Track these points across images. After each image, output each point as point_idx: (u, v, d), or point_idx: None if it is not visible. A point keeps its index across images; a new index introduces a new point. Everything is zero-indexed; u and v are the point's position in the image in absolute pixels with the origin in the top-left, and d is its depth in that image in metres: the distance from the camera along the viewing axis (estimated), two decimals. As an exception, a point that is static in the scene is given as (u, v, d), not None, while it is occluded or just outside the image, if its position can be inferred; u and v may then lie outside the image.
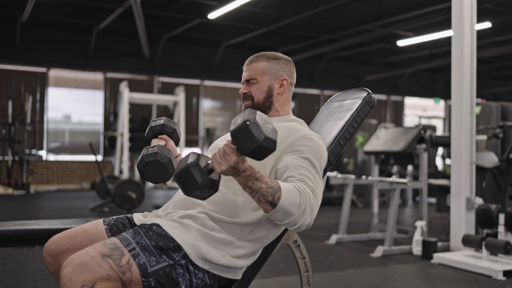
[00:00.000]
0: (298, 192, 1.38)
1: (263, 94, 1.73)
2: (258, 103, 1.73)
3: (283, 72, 1.76)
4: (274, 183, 1.34)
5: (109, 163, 11.24)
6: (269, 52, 1.78)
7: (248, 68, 1.75)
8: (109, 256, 1.36)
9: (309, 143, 1.57)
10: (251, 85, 1.74)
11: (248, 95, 1.74)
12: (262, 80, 1.73)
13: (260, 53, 1.78)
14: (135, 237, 1.45)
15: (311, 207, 1.40)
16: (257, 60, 1.75)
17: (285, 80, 1.76)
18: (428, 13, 9.14)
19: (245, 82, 1.76)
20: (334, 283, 3.34)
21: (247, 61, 1.77)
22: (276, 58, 1.76)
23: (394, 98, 15.21)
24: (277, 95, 1.75)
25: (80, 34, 10.96)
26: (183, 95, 9.78)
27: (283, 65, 1.76)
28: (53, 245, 1.60)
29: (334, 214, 6.73)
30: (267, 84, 1.73)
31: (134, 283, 1.38)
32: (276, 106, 1.76)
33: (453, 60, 4.34)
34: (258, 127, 1.21)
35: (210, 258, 1.47)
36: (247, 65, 1.76)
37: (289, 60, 1.80)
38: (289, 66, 1.78)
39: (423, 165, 4.70)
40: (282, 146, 1.57)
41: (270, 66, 1.74)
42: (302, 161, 1.51)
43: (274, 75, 1.74)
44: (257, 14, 9.88)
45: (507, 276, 3.50)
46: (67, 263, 1.34)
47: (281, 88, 1.75)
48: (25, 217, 5.90)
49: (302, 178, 1.45)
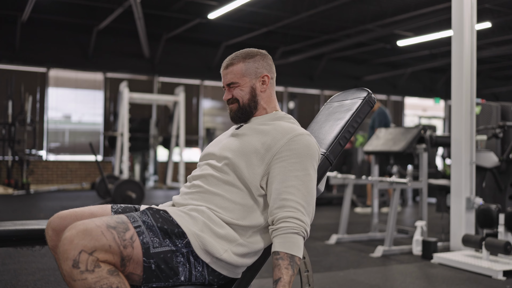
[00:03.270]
0: (297, 235, 1.49)
1: (247, 95, 1.71)
2: (244, 105, 1.72)
3: (262, 68, 1.72)
4: (286, 259, 1.47)
5: (109, 163, 11.24)
6: (243, 51, 1.74)
7: (227, 73, 1.72)
8: (114, 227, 1.37)
9: (297, 146, 1.58)
10: (233, 89, 1.71)
11: (233, 99, 1.72)
12: (243, 82, 1.70)
13: (234, 54, 1.74)
14: (142, 216, 1.47)
15: (308, 225, 1.53)
16: (233, 63, 1.71)
17: (266, 76, 1.73)
18: (428, 13, 9.14)
19: (227, 87, 1.73)
20: (334, 283, 3.34)
21: (223, 65, 1.74)
22: (252, 56, 1.72)
23: (394, 98, 15.21)
24: (261, 93, 1.73)
25: (80, 34, 10.96)
26: (183, 95, 9.79)
27: (260, 62, 1.73)
28: (58, 220, 1.59)
29: (334, 214, 6.73)
30: (249, 84, 1.71)
31: (134, 261, 1.38)
32: (262, 104, 1.74)
33: (453, 60, 4.34)
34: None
35: (212, 251, 1.48)
36: (224, 69, 1.73)
37: (265, 54, 1.76)
38: (266, 61, 1.74)
39: (423, 165, 4.69)
40: (271, 152, 1.59)
41: (247, 66, 1.70)
42: (291, 168, 1.55)
43: (254, 74, 1.71)
44: (257, 14, 9.88)
45: (507, 276, 3.50)
46: (72, 227, 1.34)
47: (264, 85, 1.73)
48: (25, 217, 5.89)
49: (289, 195, 1.52)
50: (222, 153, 1.64)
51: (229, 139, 1.71)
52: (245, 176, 1.58)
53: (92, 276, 1.30)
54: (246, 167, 1.58)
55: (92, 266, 1.30)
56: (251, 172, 1.57)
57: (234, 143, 1.65)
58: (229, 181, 1.59)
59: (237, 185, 1.59)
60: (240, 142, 1.65)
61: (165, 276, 1.43)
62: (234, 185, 1.59)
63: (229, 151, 1.63)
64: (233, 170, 1.59)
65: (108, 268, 1.33)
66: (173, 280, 1.45)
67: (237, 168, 1.58)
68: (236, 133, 1.71)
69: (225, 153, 1.63)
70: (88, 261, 1.30)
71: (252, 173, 1.57)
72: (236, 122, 1.76)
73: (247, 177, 1.57)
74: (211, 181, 1.61)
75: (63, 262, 1.30)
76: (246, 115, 1.73)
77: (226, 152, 1.63)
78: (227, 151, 1.63)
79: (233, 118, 1.75)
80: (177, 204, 1.63)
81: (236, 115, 1.74)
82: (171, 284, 1.46)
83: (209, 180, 1.62)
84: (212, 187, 1.60)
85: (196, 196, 1.60)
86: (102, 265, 1.32)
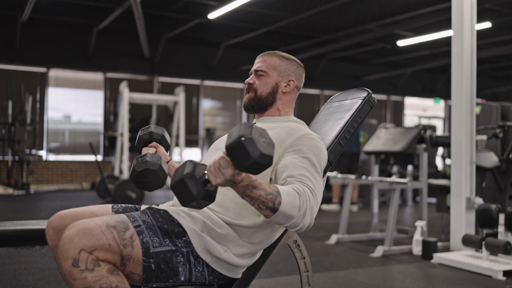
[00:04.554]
0: (298, 195, 1.36)
1: (268, 89, 1.75)
2: (261, 96, 1.75)
3: (292, 72, 1.78)
4: (272, 189, 1.31)
5: (109, 163, 11.24)
6: (284, 52, 1.81)
7: (260, 60, 1.78)
8: (114, 227, 1.38)
9: (309, 143, 1.58)
10: (259, 77, 1.76)
11: (252, 87, 1.76)
12: (271, 74, 1.75)
13: (275, 51, 1.81)
14: (142, 216, 1.47)
15: (311, 208, 1.39)
16: (270, 55, 1.78)
17: (292, 81, 1.77)
18: (428, 13, 9.14)
19: (254, 72, 1.78)
20: (334, 283, 3.34)
21: (260, 54, 1.81)
22: (288, 59, 1.79)
23: (394, 98, 15.21)
24: (282, 94, 1.76)
25: (80, 34, 10.95)
26: (183, 95, 9.78)
27: (293, 67, 1.79)
28: (58, 220, 1.59)
29: (334, 214, 6.73)
30: (275, 80, 1.75)
31: (134, 260, 1.38)
32: (278, 104, 1.77)
33: (453, 60, 4.34)
34: (253, 143, 1.16)
35: (212, 250, 1.48)
36: (259, 57, 1.80)
37: (301, 65, 1.82)
38: (299, 70, 1.81)
39: (423, 165, 4.69)
40: (283, 146, 1.58)
41: (281, 63, 1.77)
42: (302, 160, 1.51)
43: (283, 73, 1.76)
44: (257, 14, 9.88)
45: (507, 276, 3.50)
46: (72, 226, 1.35)
47: (287, 87, 1.77)
48: (25, 217, 5.89)
49: (301, 178, 1.44)
50: None
51: None
52: None
53: (91, 275, 1.30)
54: None
55: (92, 265, 1.30)
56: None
57: None
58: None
59: None
60: None
61: (165, 276, 1.43)
62: None
63: None
64: None
65: (108, 267, 1.33)
66: (173, 280, 1.44)
67: None
68: None
69: None
70: (88, 260, 1.30)
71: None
72: (248, 110, 1.78)
73: None
74: None
75: (63, 261, 1.30)
76: (260, 106, 1.76)
77: None
78: None
79: (246, 106, 1.78)
80: (178, 204, 1.63)
81: (250, 104, 1.76)
82: (171, 284, 1.45)
83: None
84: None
85: None
86: (102, 264, 1.32)
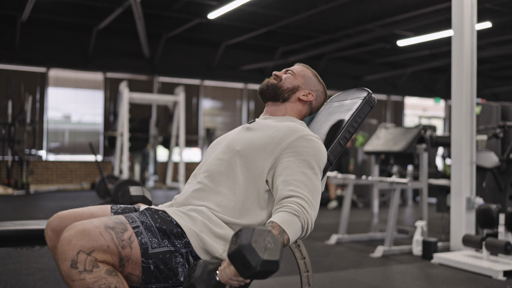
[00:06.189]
0: (297, 217, 1.43)
1: (289, 85, 1.82)
2: (281, 87, 1.81)
3: (315, 90, 1.86)
4: (276, 230, 1.38)
5: (109, 163, 11.24)
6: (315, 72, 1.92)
7: (296, 65, 1.90)
8: (112, 228, 1.38)
9: (307, 144, 1.59)
10: (287, 74, 1.85)
11: (278, 77, 1.84)
12: (298, 78, 1.84)
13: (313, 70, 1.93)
14: (140, 217, 1.47)
15: (311, 218, 1.48)
16: (306, 67, 1.90)
17: (312, 95, 1.84)
18: (428, 13, 9.13)
19: (285, 70, 1.88)
20: (334, 283, 3.34)
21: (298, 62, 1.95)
22: (319, 80, 1.89)
23: (394, 98, 15.21)
24: (297, 99, 1.82)
25: (80, 34, 10.95)
26: (183, 95, 9.78)
27: (319, 88, 1.87)
28: (57, 221, 1.59)
29: (334, 214, 6.73)
30: (298, 83, 1.83)
31: (132, 261, 1.38)
32: (288, 105, 1.82)
33: (453, 60, 4.34)
34: (254, 252, 1.09)
35: (212, 250, 1.47)
36: (297, 64, 1.92)
37: (326, 92, 1.90)
38: (323, 93, 1.89)
39: (423, 165, 4.69)
40: (280, 147, 1.60)
41: (311, 77, 1.86)
42: (299, 164, 1.54)
43: (307, 84, 1.84)
44: (257, 14, 9.87)
45: (507, 276, 3.50)
46: (70, 227, 1.35)
47: (304, 96, 1.83)
48: (25, 217, 5.89)
49: (296, 185, 1.49)
50: (231, 145, 1.66)
51: (239, 132, 1.73)
52: (252, 168, 1.58)
53: (90, 276, 1.29)
54: (254, 159, 1.59)
55: (90, 266, 1.30)
56: (259, 165, 1.58)
57: (244, 136, 1.68)
58: (234, 174, 1.59)
59: (242, 179, 1.58)
60: (250, 135, 1.67)
61: (164, 277, 1.43)
62: (238, 178, 1.58)
63: (238, 143, 1.65)
64: (240, 162, 1.60)
65: (106, 268, 1.33)
66: (172, 281, 1.44)
67: (245, 161, 1.59)
68: (248, 127, 1.74)
69: (235, 145, 1.65)
70: (86, 261, 1.30)
71: (260, 166, 1.58)
72: (262, 93, 1.84)
73: (254, 170, 1.58)
74: (215, 176, 1.61)
75: (62, 262, 1.30)
76: (273, 95, 1.82)
77: (235, 145, 1.65)
78: (237, 144, 1.65)
79: (261, 89, 1.83)
80: (178, 204, 1.63)
81: (267, 88, 1.82)
82: (171, 284, 1.45)
83: (213, 174, 1.62)
84: (215, 183, 1.60)
85: (197, 194, 1.60)
86: (101, 265, 1.32)
